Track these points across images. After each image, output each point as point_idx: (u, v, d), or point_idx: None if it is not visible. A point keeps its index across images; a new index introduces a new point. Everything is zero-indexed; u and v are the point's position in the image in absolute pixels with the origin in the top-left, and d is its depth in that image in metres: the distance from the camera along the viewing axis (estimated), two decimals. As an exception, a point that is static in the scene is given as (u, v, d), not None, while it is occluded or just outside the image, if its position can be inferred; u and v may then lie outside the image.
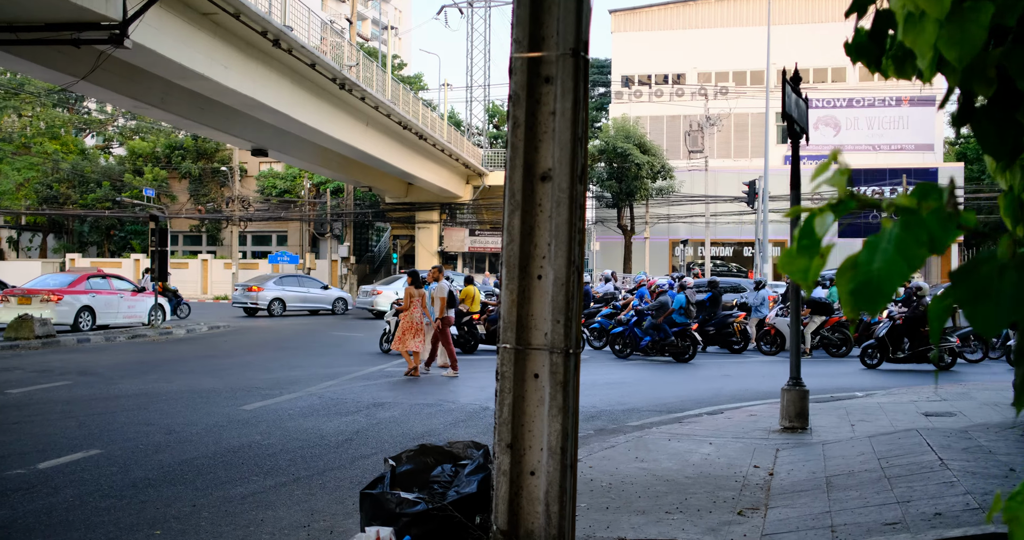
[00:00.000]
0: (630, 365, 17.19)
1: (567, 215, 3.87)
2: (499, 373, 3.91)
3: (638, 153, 41.30)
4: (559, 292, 3.86)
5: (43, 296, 21.03)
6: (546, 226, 3.91)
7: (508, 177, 3.91)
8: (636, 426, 10.13)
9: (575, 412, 3.85)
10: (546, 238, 3.91)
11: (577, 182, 3.93)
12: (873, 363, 16.84)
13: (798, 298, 9.45)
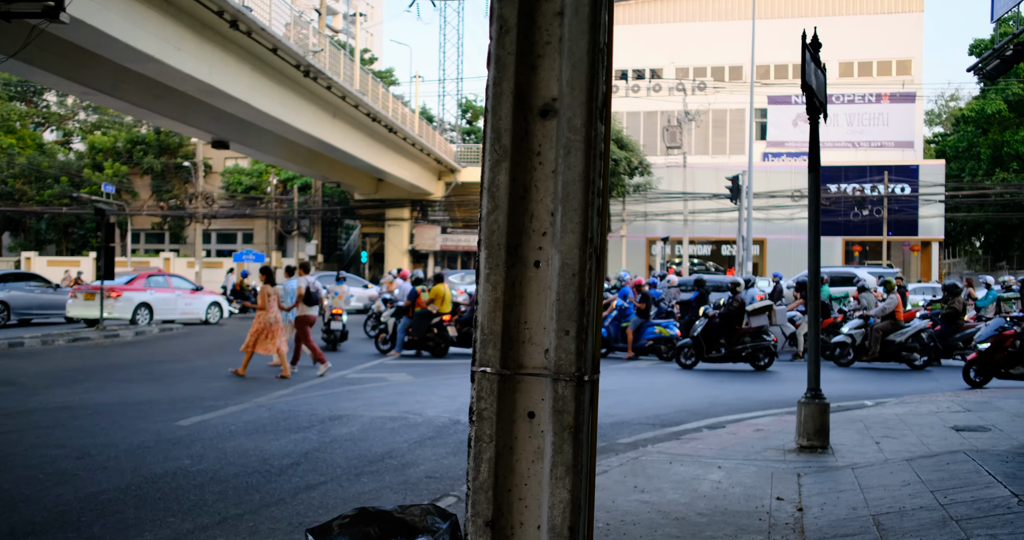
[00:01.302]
0: (615, 370, 15.94)
1: (581, 168, 2.56)
2: (474, 411, 2.59)
3: (615, 148, 40.12)
4: (568, 287, 2.53)
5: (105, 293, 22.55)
6: (548, 186, 2.59)
7: (490, 111, 2.59)
8: (629, 444, 8.87)
9: (591, 472, 2.54)
10: (548, 204, 2.58)
11: (597, 119, 2.60)
12: (688, 363, 16.00)
13: (817, 300, 8.22)
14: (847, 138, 47.22)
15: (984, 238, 56.28)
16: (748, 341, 15.93)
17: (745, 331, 15.93)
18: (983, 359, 13.24)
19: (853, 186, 44.40)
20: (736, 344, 15.95)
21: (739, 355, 15.95)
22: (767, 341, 15.93)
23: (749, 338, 15.94)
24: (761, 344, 15.89)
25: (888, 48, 48.19)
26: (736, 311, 16.02)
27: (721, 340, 16.01)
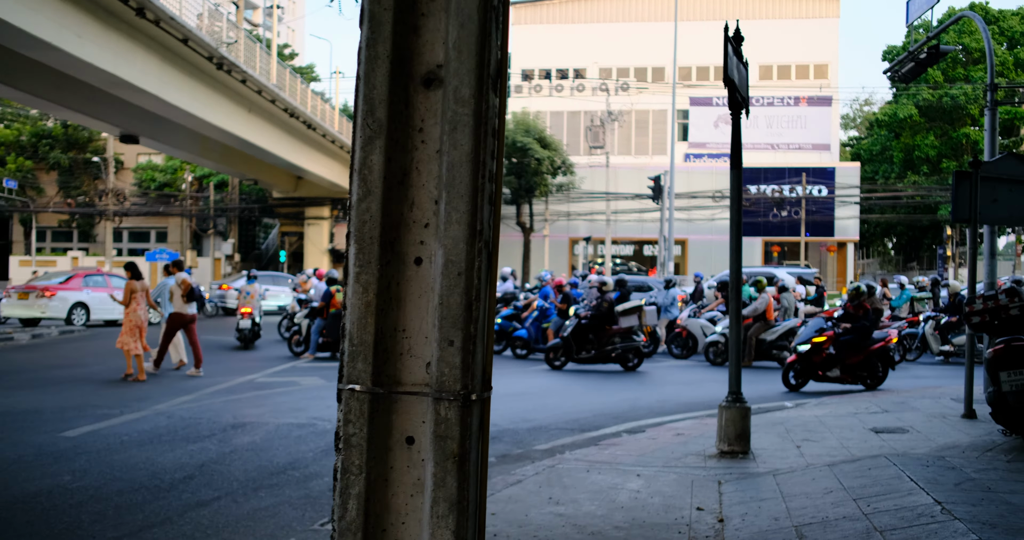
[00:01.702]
0: (535, 372, 15.64)
1: (469, 147, 2.17)
2: (340, 437, 2.19)
3: (538, 148, 39.96)
4: (453, 288, 2.12)
5: (38, 292, 22.58)
6: (432, 169, 2.19)
7: (363, 78, 2.19)
8: (546, 450, 8.54)
9: (480, 508, 2.16)
10: (431, 190, 2.19)
11: (489, 90, 2.21)
12: (558, 364, 15.81)
13: (738, 300, 8.01)
14: (766, 140, 47.91)
15: (896, 239, 57.78)
16: (618, 342, 15.72)
17: (615, 332, 15.72)
18: (802, 361, 13.05)
19: (772, 187, 45.08)
20: (606, 345, 15.73)
21: (609, 356, 15.72)
22: (637, 342, 15.77)
23: (619, 339, 15.74)
24: (631, 345, 15.71)
25: (806, 52, 49.06)
26: (606, 312, 15.82)
27: (591, 341, 15.76)
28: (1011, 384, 6.97)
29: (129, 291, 13.41)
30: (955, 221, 9.88)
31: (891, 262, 59.89)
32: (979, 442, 7.61)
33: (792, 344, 13.96)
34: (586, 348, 15.80)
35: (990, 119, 12.63)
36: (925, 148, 47.23)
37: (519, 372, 15.62)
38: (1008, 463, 6.59)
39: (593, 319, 15.80)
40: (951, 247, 44.57)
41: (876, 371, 13.20)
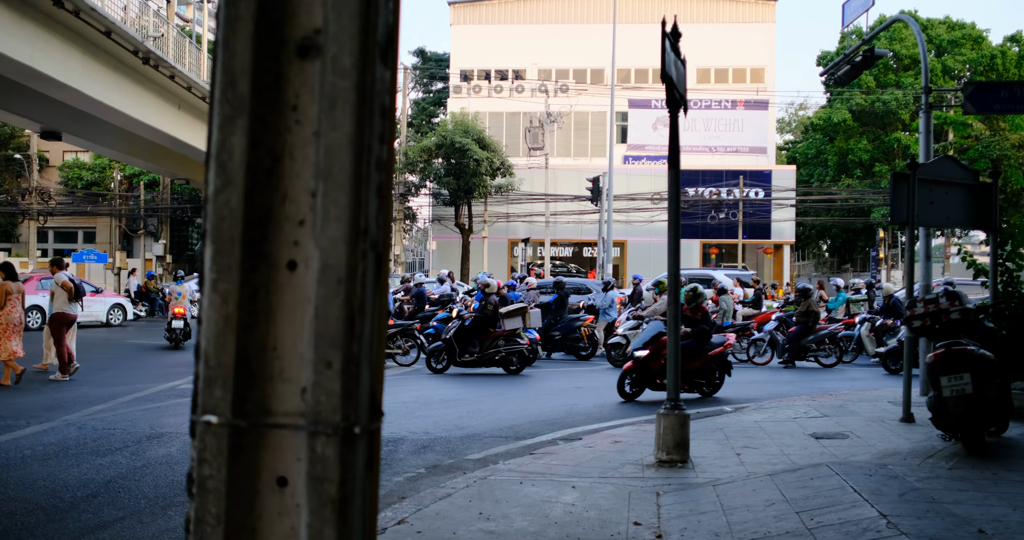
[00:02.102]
0: (470, 376, 15.30)
1: (351, 128, 1.79)
2: (194, 479, 1.79)
3: (477, 149, 39.60)
4: (332, 298, 1.74)
5: None
6: (309, 154, 1.81)
7: (222, 44, 1.80)
8: (479, 460, 8.19)
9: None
10: (308, 180, 1.81)
11: (376, 60, 1.83)
12: (440, 367, 15.52)
13: (677, 304, 7.75)
14: (704, 142, 48.21)
15: (831, 242, 58.68)
16: (502, 344, 15.46)
17: (499, 334, 15.45)
18: (639, 368, 11.89)
19: (710, 190, 45.37)
20: (489, 347, 15.43)
21: (492, 359, 15.42)
22: (521, 344, 15.52)
23: (503, 341, 15.48)
24: (515, 348, 15.45)
25: (743, 57, 49.51)
26: (490, 314, 15.56)
27: (474, 343, 15.46)
28: (951, 389, 6.82)
29: (3, 292, 12.78)
30: (893, 223, 9.79)
31: (826, 264, 60.83)
32: (920, 448, 7.46)
33: (628, 349, 12.97)
34: (469, 351, 15.39)
35: (924, 122, 12.65)
36: (858, 152, 48.00)
37: (453, 376, 15.25)
38: (950, 470, 6.43)
39: (476, 321, 15.44)
40: (884, 249, 45.33)
41: (713, 378, 12.45)
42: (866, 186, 46.80)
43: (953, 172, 10.11)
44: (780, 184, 45.71)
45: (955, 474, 6.31)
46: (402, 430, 9.66)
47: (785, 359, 17.04)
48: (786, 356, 17.01)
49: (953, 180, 10.04)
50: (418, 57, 59.07)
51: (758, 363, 17.38)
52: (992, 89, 11.81)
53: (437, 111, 58.19)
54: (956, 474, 6.31)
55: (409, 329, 16.84)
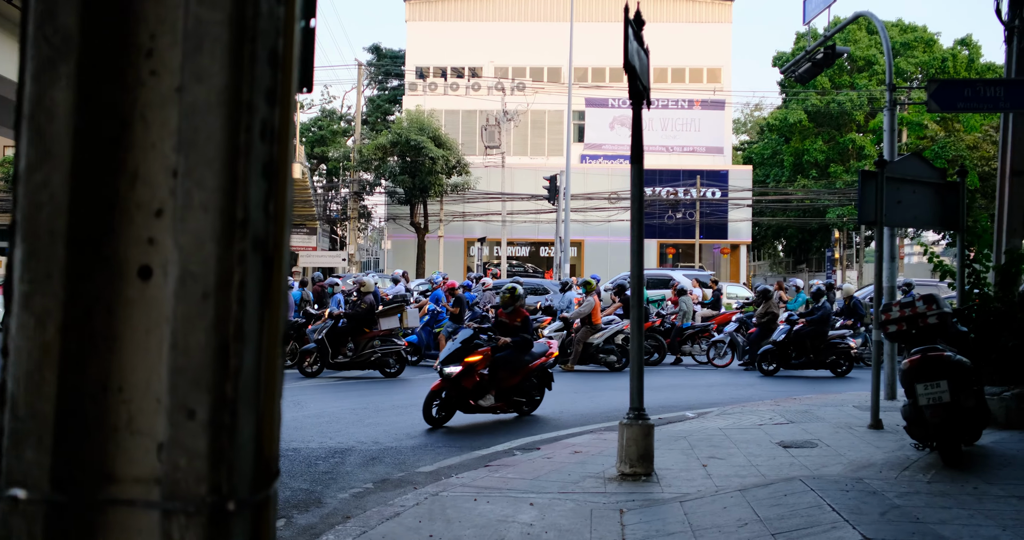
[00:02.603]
0: (424, 379, 14.76)
1: (225, 80, 1.22)
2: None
3: (432, 146, 39.02)
4: (196, 319, 1.16)
5: None
6: (167, 117, 1.21)
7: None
8: (431, 473, 7.71)
9: None
10: (167, 153, 1.22)
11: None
12: (312, 371, 14.96)
13: (640, 304, 7.33)
14: (661, 142, 48.07)
15: (786, 242, 59.00)
16: (378, 345, 14.97)
17: (374, 334, 14.93)
18: (450, 387, 10.08)
19: (667, 189, 45.27)
20: (364, 348, 14.92)
21: (368, 360, 14.89)
22: (398, 345, 15.10)
23: (379, 342, 14.99)
24: (391, 349, 14.97)
25: (699, 56, 49.48)
26: (364, 313, 15.07)
27: (350, 344, 14.95)
28: (928, 397, 6.48)
29: None
30: (861, 222, 9.49)
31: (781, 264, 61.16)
32: (894, 458, 7.12)
33: (436, 365, 10.59)
34: (343, 352, 14.85)
35: (889, 119, 12.42)
36: (814, 152, 48.24)
37: (408, 380, 14.73)
38: (929, 484, 6.08)
39: (351, 321, 14.89)
40: (839, 250, 45.57)
41: (533, 394, 10.91)
42: (821, 186, 47.03)
43: (921, 171, 9.84)
44: (737, 184, 45.76)
45: (935, 489, 5.96)
46: (351, 439, 9.15)
47: (745, 361, 16.76)
48: (746, 358, 16.73)
49: (921, 179, 9.77)
50: (373, 54, 58.31)
51: (718, 365, 17.09)
52: (956, 87, 11.58)
53: (392, 109, 57.46)
54: (936, 489, 5.95)
55: (360, 331, 16.27)
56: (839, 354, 15.28)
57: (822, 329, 15.23)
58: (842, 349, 15.30)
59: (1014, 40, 11.70)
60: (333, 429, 9.75)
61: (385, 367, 14.87)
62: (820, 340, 15.22)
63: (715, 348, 17.30)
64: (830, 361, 15.26)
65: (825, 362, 15.25)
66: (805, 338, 15.20)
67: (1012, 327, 9.17)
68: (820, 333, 15.21)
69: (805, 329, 15.18)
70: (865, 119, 48.55)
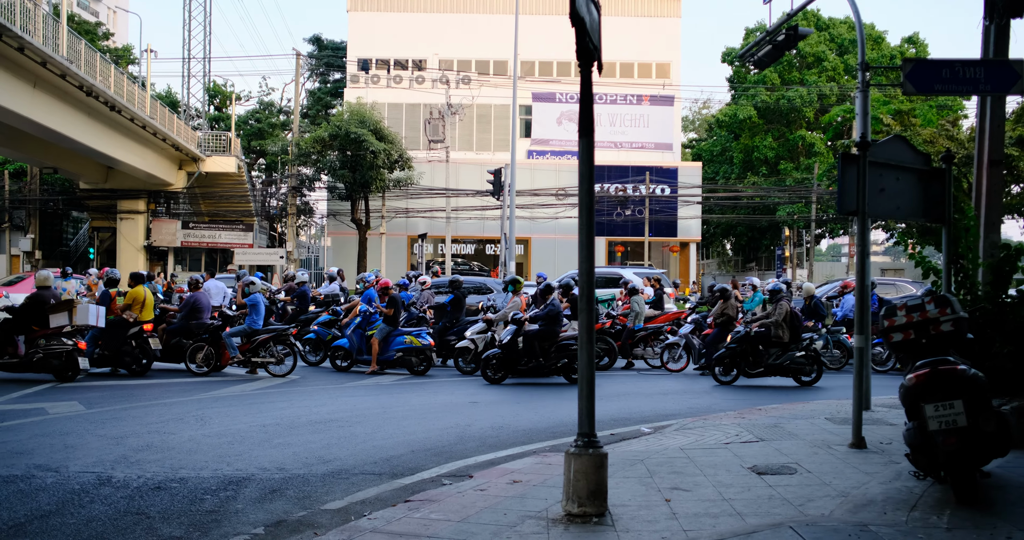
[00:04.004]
0: (353, 388, 13.39)
1: None
2: None
3: (373, 140, 37.49)
4: None
5: None
6: None
7: None
8: (339, 511, 6.36)
9: None
10: None
11: None
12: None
13: (591, 306, 6.05)
14: (609, 138, 47.11)
15: (736, 240, 58.41)
16: (43, 344, 13.52)
17: (43, 333, 13.34)
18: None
19: (616, 186, 44.25)
20: (31, 348, 13.55)
21: (31, 362, 13.46)
22: (67, 345, 13.57)
23: (45, 341, 13.55)
24: (59, 348, 13.42)
25: (648, 51, 48.59)
26: (25, 310, 13.71)
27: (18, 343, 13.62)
28: (941, 420, 5.32)
29: None
30: (841, 212, 8.35)
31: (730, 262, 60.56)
32: (894, 492, 5.94)
33: None
34: (8, 351, 13.39)
35: (862, 101, 11.37)
36: (764, 149, 47.62)
37: (334, 389, 13.33)
38: (949, 532, 4.90)
39: (16, 318, 13.61)
40: (789, 248, 44.95)
41: None
42: (771, 184, 46.41)
43: (904, 155, 8.73)
44: (686, 181, 44.91)
45: (958, 538, 4.78)
46: (251, 465, 7.75)
47: (702, 365, 15.63)
48: (703, 362, 15.61)
49: (904, 164, 8.67)
50: (314, 45, 56.45)
51: (672, 370, 15.93)
52: (933, 67, 10.49)
53: (334, 102, 55.64)
54: (959, 538, 4.77)
55: (283, 334, 14.79)
56: (807, 359, 13.98)
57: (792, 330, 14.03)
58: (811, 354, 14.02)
59: (994, 16, 10.70)
60: (235, 452, 8.33)
61: (53, 368, 13.27)
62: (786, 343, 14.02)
63: (669, 351, 16.13)
64: (793, 367, 13.94)
65: (788, 368, 13.92)
66: (758, 341, 13.94)
67: (1005, 331, 8.09)
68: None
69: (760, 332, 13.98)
70: (815, 116, 48.06)
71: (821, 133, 46.91)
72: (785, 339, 13.90)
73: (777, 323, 13.92)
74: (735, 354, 13.97)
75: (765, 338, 13.93)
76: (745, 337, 13.94)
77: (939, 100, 40.31)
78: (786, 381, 14.23)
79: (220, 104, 52.93)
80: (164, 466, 7.65)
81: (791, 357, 13.84)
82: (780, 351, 13.90)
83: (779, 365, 13.89)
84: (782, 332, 13.90)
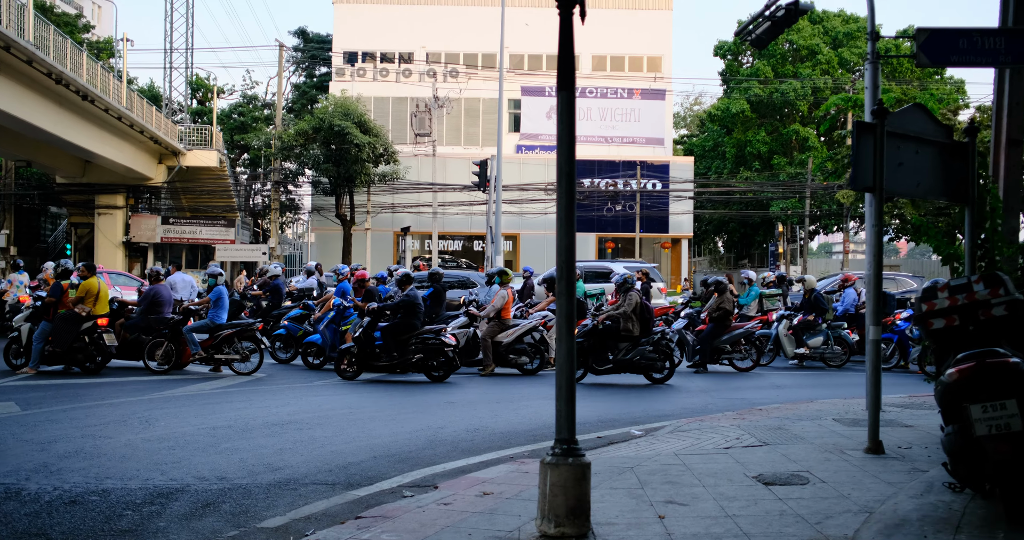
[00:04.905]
0: (321, 386, 12.43)
1: None
2: None
3: (358, 133, 36.44)
4: None
5: None
6: None
7: None
8: (277, 530, 5.43)
9: None
10: None
11: None
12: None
13: (571, 297, 5.13)
14: (600, 133, 46.20)
15: (728, 236, 57.56)
16: None
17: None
18: None
19: (606, 181, 43.34)
20: None
21: None
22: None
23: None
24: None
25: (640, 44, 47.67)
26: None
27: None
28: (991, 424, 4.42)
29: None
30: (855, 189, 7.47)
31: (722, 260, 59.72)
32: (928, 508, 5.02)
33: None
34: None
35: (872, 74, 10.46)
36: (756, 144, 46.77)
37: (301, 387, 12.37)
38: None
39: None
40: (782, 244, 44.10)
41: None
42: (764, 178, 45.57)
43: (925, 126, 7.83)
44: (678, 176, 44.04)
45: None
46: (188, 474, 6.81)
47: (696, 362, 14.73)
48: (697, 359, 14.70)
49: (925, 136, 7.77)
50: (299, 38, 55.34)
51: (664, 367, 14.99)
52: (950, 36, 9.62)
53: (320, 96, 54.55)
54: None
55: (249, 330, 13.80)
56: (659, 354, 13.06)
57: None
58: None
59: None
60: (173, 458, 7.38)
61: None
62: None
63: (661, 348, 15.18)
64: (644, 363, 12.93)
65: None
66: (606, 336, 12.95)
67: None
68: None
69: None
70: (809, 110, 47.23)
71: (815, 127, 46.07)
72: (635, 333, 12.82)
73: (626, 315, 12.83)
74: (582, 350, 12.84)
75: (614, 332, 12.92)
76: (592, 331, 12.88)
77: (938, 91, 39.48)
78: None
79: (203, 98, 51.83)
80: (88, 476, 6.70)
81: (641, 352, 12.77)
82: (630, 345, 12.85)
83: (628, 360, 12.83)
84: (631, 325, 12.82)
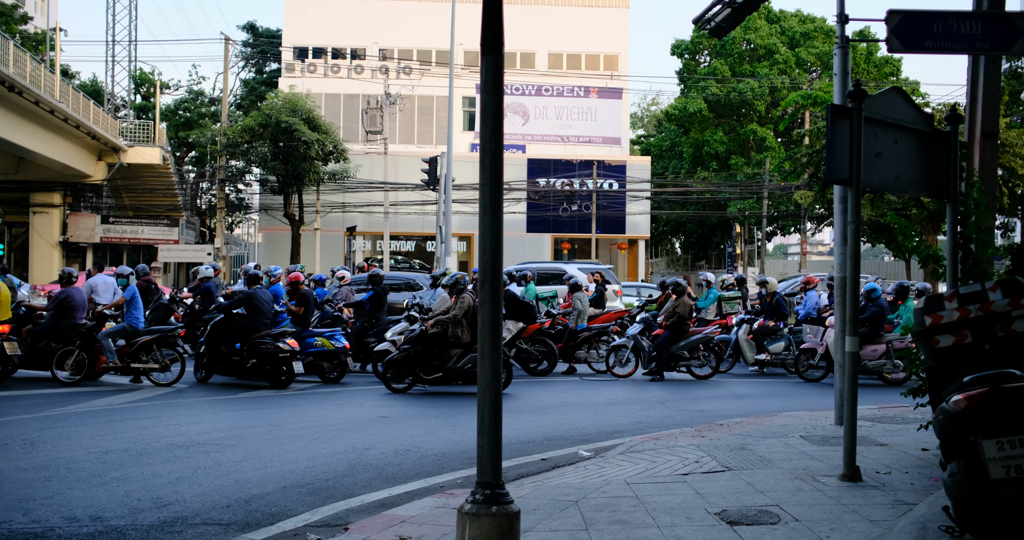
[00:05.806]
0: (248, 399, 11.38)
1: None
2: None
3: (306, 130, 35.23)
4: None
5: None
6: None
7: None
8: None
9: None
10: None
11: None
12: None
13: (496, 288, 4.20)
14: (556, 132, 45.44)
15: (685, 237, 57.10)
16: None
17: None
18: None
19: (562, 180, 42.54)
20: None
21: None
22: None
23: None
24: None
25: (596, 42, 46.97)
26: None
27: None
28: (1008, 465, 3.58)
29: None
30: (830, 181, 6.63)
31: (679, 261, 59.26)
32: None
33: None
34: None
35: (840, 60, 9.73)
36: (714, 144, 46.29)
37: (222, 401, 11.30)
38: None
39: None
40: (740, 245, 43.62)
41: None
42: (722, 179, 45.08)
43: (903, 111, 7.05)
44: (635, 176, 43.37)
45: None
46: (57, 514, 5.77)
47: (652, 370, 13.88)
48: (653, 366, 13.85)
49: (904, 124, 6.98)
50: (248, 32, 53.80)
51: (619, 374, 14.15)
52: (924, 20, 8.87)
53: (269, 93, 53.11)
54: None
55: (169, 337, 12.68)
56: None
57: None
58: None
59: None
60: (46, 492, 6.33)
61: None
62: None
63: (616, 354, 14.33)
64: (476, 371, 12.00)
65: None
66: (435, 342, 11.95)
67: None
68: None
69: None
70: (766, 109, 46.85)
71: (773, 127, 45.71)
72: (465, 339, 11.85)
73: (455, 320, 11.86)
74: (410, 358, 11.93)
75: (442, 338, 12.02)
76: (421, 337, 11.92)
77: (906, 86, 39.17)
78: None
79: (147, 93, 50.14)
80: (-73, 518, 5.64)
81: (474, 359, 11.61)
82: (462, 352, 11.94)
83: (460, 369, 11.87)
84: (461, 331, 11.87)
